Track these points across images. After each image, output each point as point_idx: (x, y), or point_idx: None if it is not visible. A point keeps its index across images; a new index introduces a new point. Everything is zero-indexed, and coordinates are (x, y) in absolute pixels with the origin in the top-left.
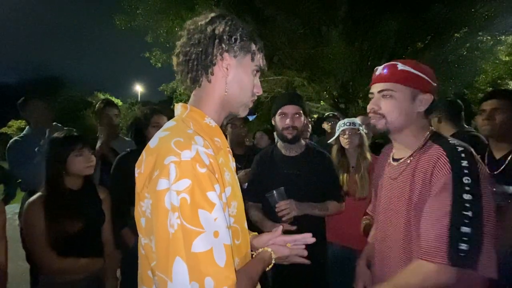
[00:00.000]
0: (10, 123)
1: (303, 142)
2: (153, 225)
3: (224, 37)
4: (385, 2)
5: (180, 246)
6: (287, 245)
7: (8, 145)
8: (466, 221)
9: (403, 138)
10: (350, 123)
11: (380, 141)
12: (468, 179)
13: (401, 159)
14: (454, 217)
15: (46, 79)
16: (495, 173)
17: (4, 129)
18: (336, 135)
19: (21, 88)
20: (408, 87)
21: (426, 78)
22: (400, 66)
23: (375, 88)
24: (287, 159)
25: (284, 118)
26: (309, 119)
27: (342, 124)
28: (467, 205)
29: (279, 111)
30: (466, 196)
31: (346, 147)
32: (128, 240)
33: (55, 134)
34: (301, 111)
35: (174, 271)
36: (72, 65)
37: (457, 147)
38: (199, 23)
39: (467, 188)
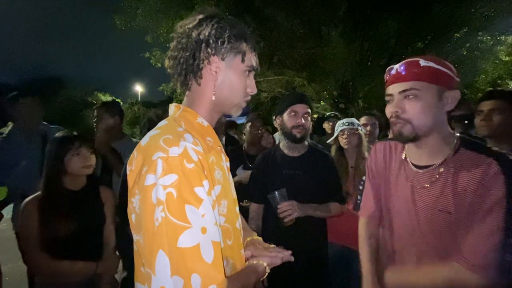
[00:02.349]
0: (10, 123)
1: (306, 142)
2: (141, 220)
3: (211, 40)
4: (385, 2)
5: (163, 240)
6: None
7: None
8: None
9: (431, 142)
10: (348, 123)
11: None
12: None
13: (428, 166)
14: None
15: (46, 79)
16: None
17: (4, 129)
18: (335, 135)
19: (21, 88)
20: (434, 85)
21: (450, 73)
22: (423, 62)
23: (395, 88)
24: (290, 159)
25: (295, 117)
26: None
27: (340, 124)
28: None
29: (289, 109)
30: None
31: (345, 147)
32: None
33: (57, 134)
34: (310, 111)
35: (157, 264)
36: (72, 65)
37: (501, 152)
38: (186, 27)
39: None
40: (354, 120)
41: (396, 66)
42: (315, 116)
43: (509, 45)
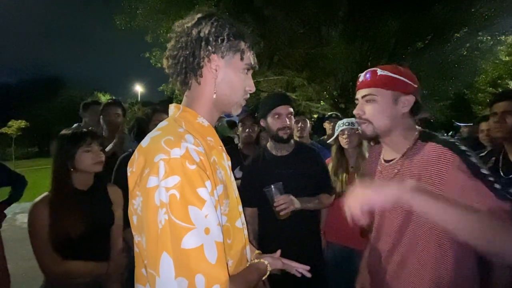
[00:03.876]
0: (10, 123)
1: (291, 141)
2: (143, 222)
3: (210, 38)
4: (385, 2)
5: (167, 242)
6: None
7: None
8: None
9: (393, 139)
10: (349, 123)
11: None
12: (475, 159)
13: (392, 160)
14: (495, 192)
15: (46, 79)
16: None
17: (4, 129)
18: (335, 135)
19: (21, 88)
20: (389, 91)
21: (406, 80)
22: (380, 72)
23: (359, 94)
24: (279, 159)
25: (279, 119)
26: (309, 120)
27: (341, 124)
28: (491, 178)
29: (273, 112)
30: (484, 170)
31: (345, 147)
32: (131, 240)
33: (63, 131)
34: (292, 111)
35: (161, 266)
36: (72, 65)
37: (455, 142)
38: (185, 26)
39: (480, 165)
40: (354, 120)
41: (363, 74)
42: (315, 116)
43: (509, 45)
